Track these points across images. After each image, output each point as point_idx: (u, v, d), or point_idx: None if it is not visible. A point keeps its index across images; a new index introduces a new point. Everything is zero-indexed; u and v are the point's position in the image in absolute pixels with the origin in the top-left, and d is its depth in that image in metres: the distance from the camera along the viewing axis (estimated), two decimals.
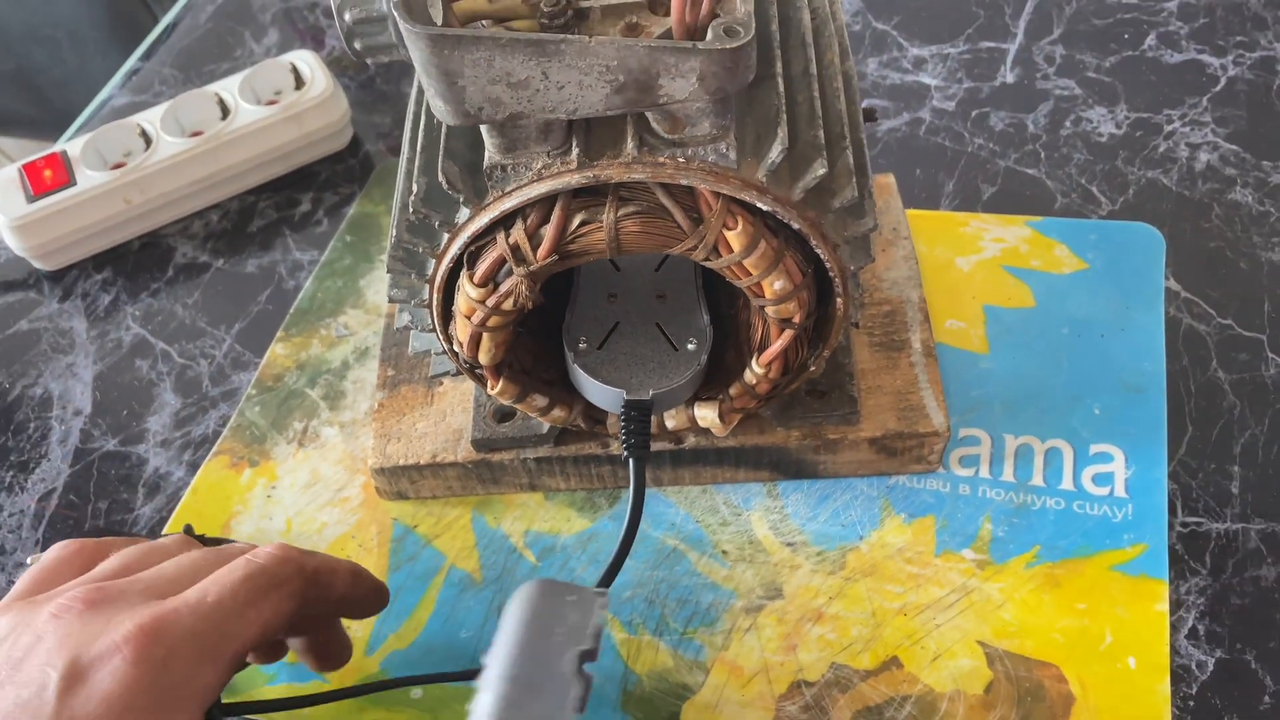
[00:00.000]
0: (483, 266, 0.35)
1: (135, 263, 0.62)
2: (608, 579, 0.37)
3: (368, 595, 0.40)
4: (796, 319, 0.37)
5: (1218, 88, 0.59)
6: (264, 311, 0.58)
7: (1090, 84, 0.60)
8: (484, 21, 0.32)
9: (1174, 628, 0.41)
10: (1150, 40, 0.62)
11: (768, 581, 0.45)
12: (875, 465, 0.47)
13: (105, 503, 0.51)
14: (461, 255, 0.36)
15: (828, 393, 0.45)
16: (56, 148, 0.62)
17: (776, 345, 0.38)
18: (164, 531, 0.49)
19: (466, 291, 0.36)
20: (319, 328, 0.57)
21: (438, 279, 0.37)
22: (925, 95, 0.61)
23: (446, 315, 0.38)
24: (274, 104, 0.63)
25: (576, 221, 0.34)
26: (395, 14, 0.29)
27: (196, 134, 0.63)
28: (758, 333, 0.39)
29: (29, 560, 0.48)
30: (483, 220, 0.35)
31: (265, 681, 0.45)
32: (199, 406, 0.54)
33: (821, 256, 0.36)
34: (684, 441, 0.45)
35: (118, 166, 0.61)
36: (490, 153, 0.34)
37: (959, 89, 0.61)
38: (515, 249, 0.35)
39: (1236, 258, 0.52)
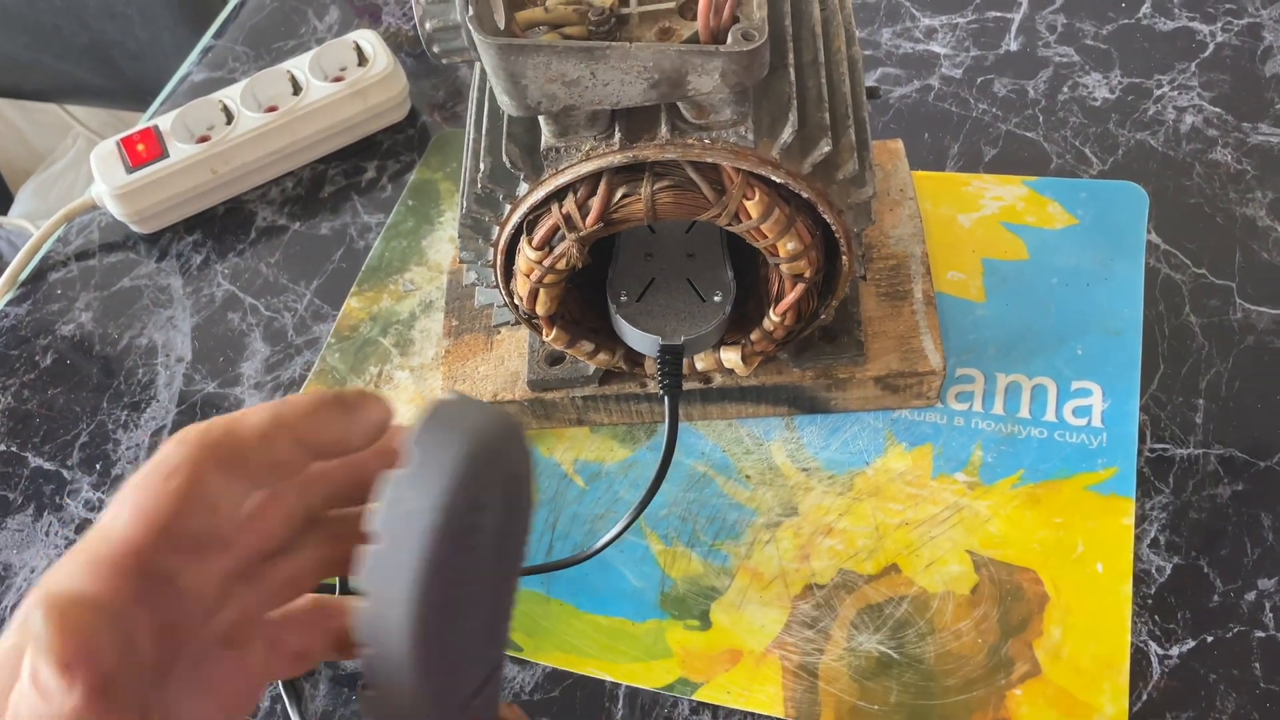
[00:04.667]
0: (540, 232, 0.42)
1: (222, 226, 0.69)
2: (648, 497, 0.44)
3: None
4: (807, 274, 0.44)
5: (1206, 53, 0.64)
6: (338, 269, 0.65)
7: (1088, 51, 0.65)
8: (542, 27, 0.38)
9: (1138, 538, 0.48)
10: (1145, 8, 0.66)
11: (785, 501, 0.52)
12: (880, 401, 0.53)
13: None
14: (521, 223, 0.43)
15: (838, 337, 0.52)
16: (147, 123, 0.69)
17: (790, 297, 0.45)
18: None
19: (526, 253, 0.43)
20: (388, 283, 0.64)
21: (501, 243, 0.44)
22: (935, 63, 0.67)
23: (508, 274, 0.45)
24: (340, 80, 0.70)
25: (619, 194, 0.40)
26: (469, 26, 0.35)
27: (271, 109, 0.70)
28: (774, 286, 0.45)
29: None
30: (540, 194, 0.41)
31: None
32: (285, 354, 0.62)
33: (828, 220, 0.42)
34: (712, 381, 0.52)
35: (203, 139, 0.68)
36: (546, 137, 0.40)
37: (966, 57, 0.67)
38: (567, 218, 0.41)
39: (1213, 213, 0.57)
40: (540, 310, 0.45)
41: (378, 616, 0.26)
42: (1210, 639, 0.45)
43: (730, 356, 0.49)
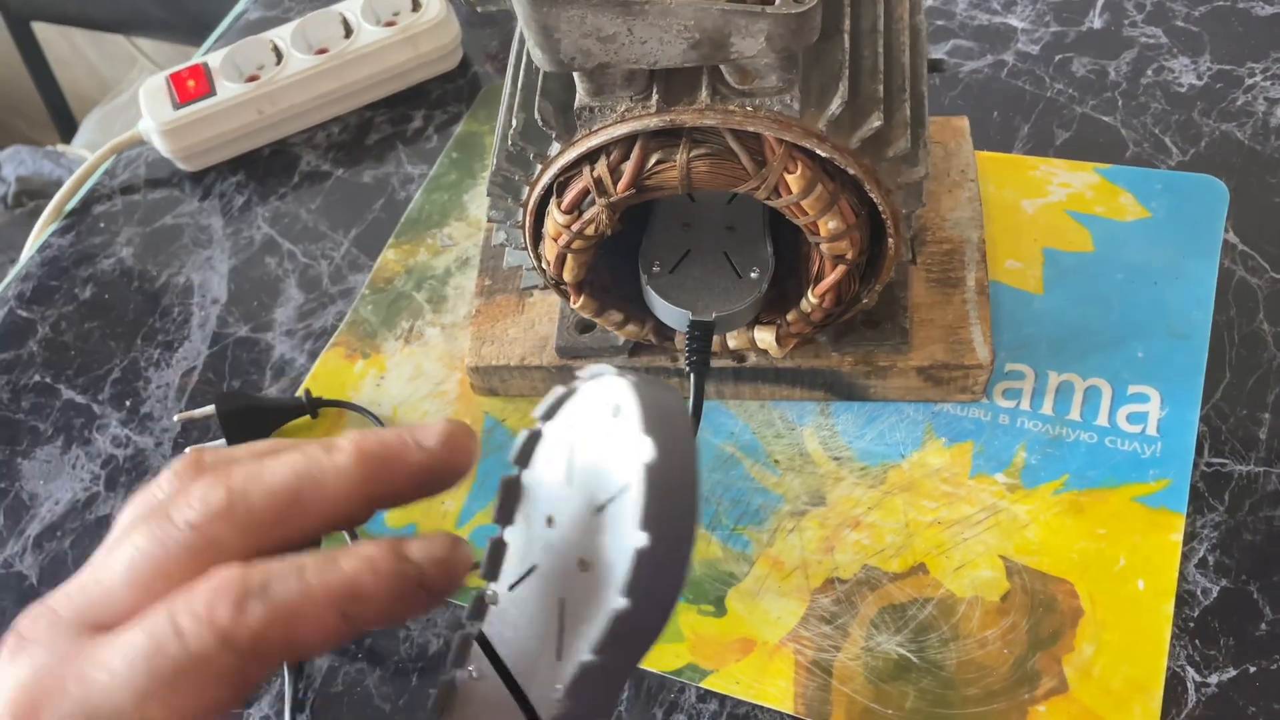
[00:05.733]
0: (569, 195, 0.40)
1: (266, 168, 0.68)
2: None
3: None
4: (849, 255, 0.41)
5: None
6: (378, 219, 0.64)
7: (1177, 33, 0.61)
8: None
9: (1185, 557, 0.45)
10: None
11: (813, 490, 0.50)
12: (922, 392, 0.51)
13: (238, 381, 0.59)
14: (552, 185, 0.41)
15: (881, 322, 0.49)
16: (198, 59, 0.68)
17: (830, 278, 0.42)
18: (298, 394, 0.56)
19: (554, 217, 0.41)
20: (426, 237, 0.63)
21: (530, 203, 0.42)
22: (1011, 38, 0.63)
23: (537, 236, 0.43)
24: (392, 25, 0.68)
25: (653, 160, 0.38)
26: None
27: (322, 51, 0.68)
28: (814, 266, 0.43)
29: (175, 418, 0.56)
30: (571, 155, 0.39)
31: None
32: (319, 302, 0.61)
33: (875, 200, 0.40)
34: (745, 360, 0.50)
35: (251, 79, 0.67)
36: (580, 95, 0.38)
37: (1045, 32, 0.63)
38: (598, 181, 0.39)
39: None
40: (568, 277, 0.43)
41: (643, 615, 0.24)
42: (1254, 669, 0.42)
43: (764, 336, 0.47)
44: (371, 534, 0.51)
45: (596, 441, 0.26)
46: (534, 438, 0.28)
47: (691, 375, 0.43)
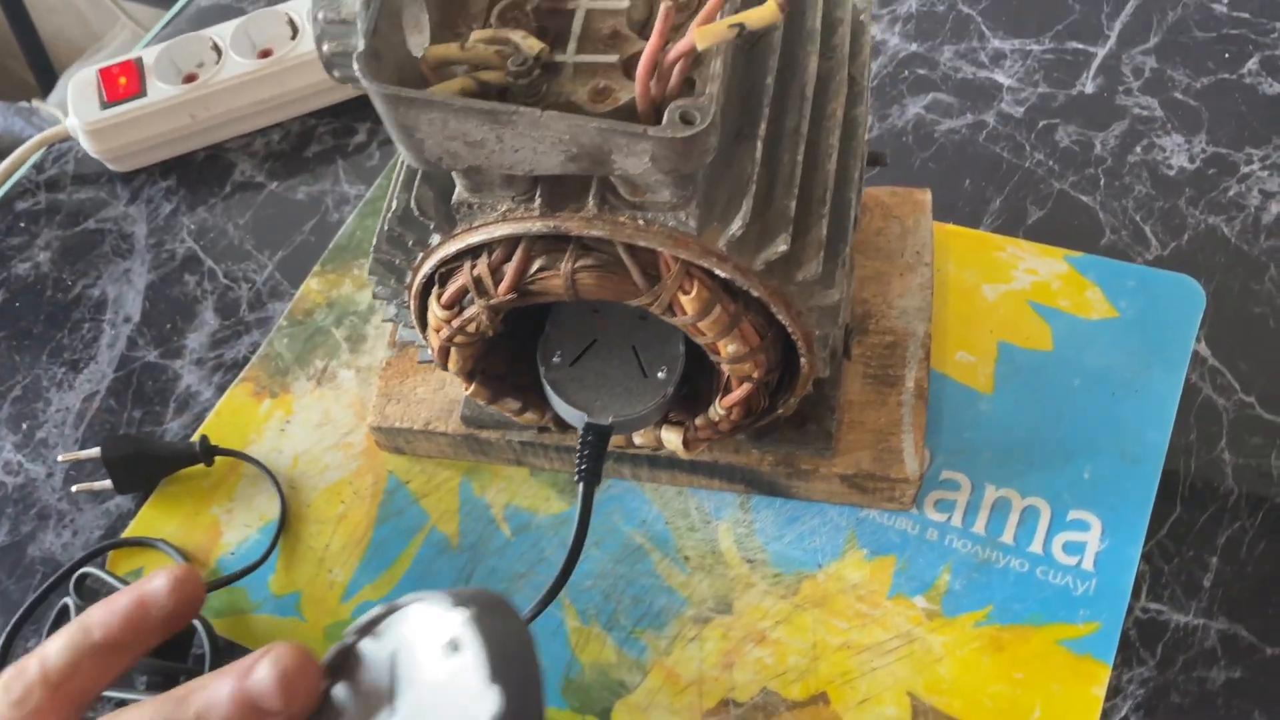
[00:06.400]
0: (449, 290, 0.36)
1: (198, 173, 0.64)
2: (543, 603, 0.38)
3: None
4: (755, 375, 0.37)
5: None
6: (306, 242, 0.60)
7: (1174, 106, 0.56)
8: (460, 66, 0.32)
9: (1105, 714, 0.41)
10: (1252, 64, 0.57)
11: (721, 595, 0.46)
12: (847, 497, 0.47)
13: (140, 412, 0.55)
14: (434, 274, 0.37)
15: (805, 423, 0.45)
16: (133, 54, 0.64)
17: (735, 394, 0.39)
18: (193, 439, 0.53)
19: (434, 310, 0.37)
20: (353, 267, 0.59)
21: (415, 287, 0.38)
22: (996, 96, 0.58)
23: (425, 320, 0.40)
24: None
25: (536, 265, 0.35)
26: (356, 68, 0.30)
27: (267, 52, 0.64)
28: (722, 375, 0.39)
29: (60, 458, 0.53)
30: (451, 248, 0.36)
31: (252, 610, 0.49)
32: (234, 330, 0.58)
33: (783, 322, 0.36)
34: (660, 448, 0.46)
35: (190, 78, 0.63)
36: (459, 190, 0.34)
37: (1032, 93, 0.58)
38: (478, 281, 0.35)
39: (1278, 329, 0.49)
40: (453, 369, 0.40)
41: None
42: None
43: (671, 438, 0.43)
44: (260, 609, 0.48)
45: (428, 678, 0.23)
46: (345, 653, 0.25)
47: (580, 487, 0.40)
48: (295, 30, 0.64)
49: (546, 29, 0.33)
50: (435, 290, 0.37)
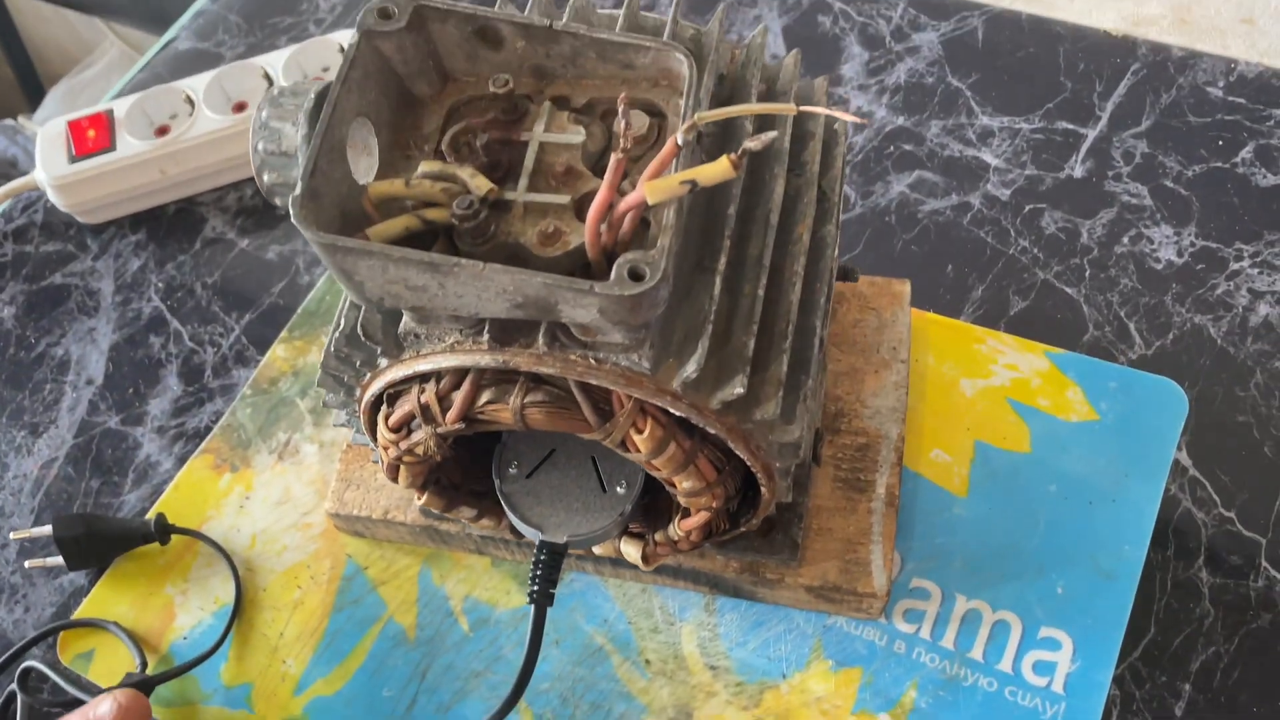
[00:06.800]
0: (397, 413, 0.35)
1: (168, 228, 0.63)
2: (505, 708, 0.37)
3: None
4: (714, 505, 0.36)
5: None
6: (274, 305, 0.59)
7: (1163, 195, 0.55)
8: (408, 200, 0.31)
9: None
10: (1245, 152, 0.55)
11: (681, 704, 0.45)
12: (814, 605, 0.46)
13: (98, 482, 0.54)
14: (382, 394, 0.36)
15: (772, 530, 0.44)
16: (103, 106, 0.63)
17: (693, 519, 0.37)
18: (147, 517, 0.52)
19: (382, 431, 0.36)
20: (321, 334, 0.58)
21: (364, 402, 0.37)
22: (982, 176, 0.57)
23: (375, 432, 0.38)
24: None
25: (485, 398, 0.33)
26: (292, 214, 0.28)
27: (241, 105, 0.63)
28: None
29: (12, 536, 0.52)
30: (399, 373, 0.34)
31: (202, 700, 0.47)
32: (197, 397, 0.56)
33: (741, 456, 0.35)
34: None
35: (162, 130, 0.62)
36: (406, 319, 0.33)
37: (1019, 175, 0.57)
38: (425, 409, 0.34)
39: (1263, 439, 0.47)
40: (403, 484, 0.38)
41: None
42: None
43: (630, 551, 0.42)
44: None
45: None
46: None
47: (532, 608, 0.38)
48: (270, 83, 0.63)
49: (499, 161, 0.31)
50: (384, 410, 0.36)
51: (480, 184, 0.30)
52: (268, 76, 0.63)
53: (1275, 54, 0.57)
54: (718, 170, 0.27)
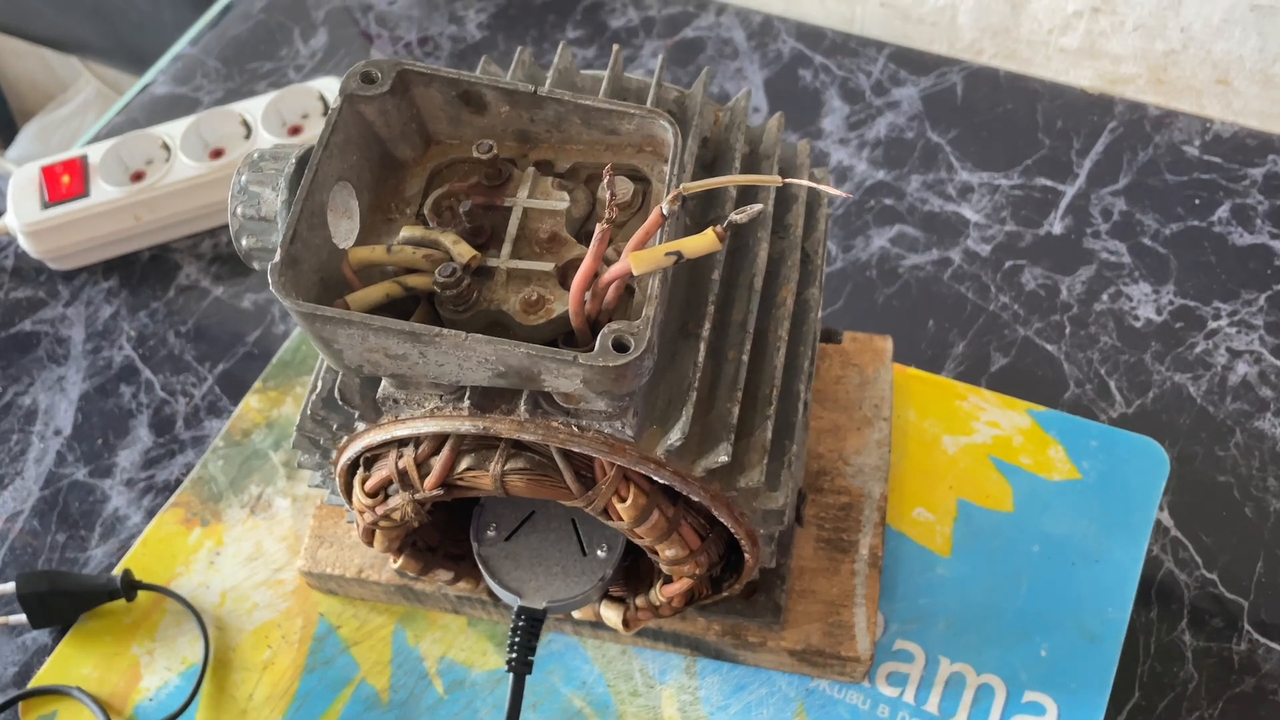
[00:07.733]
0: (373, 479, 0.34)
1: (141, 275, 0.62)
2: None
3: None
4: (697, 572, 0.35)
5: None
6: (249, 355, 0.58)
7: (1142, 253, 0.55)
8: (389, 266, 0.30)
9: None
10: (1222, 211, 0.56)
11: None
12: (796, 668, 0.45)
13: (64, 535, 0.53)
14: (359, 458, 0.35)
15: (755, 593, 0.43)
16: (78, 151, 0.62)
17: (675, 586, 0.37)
18: (114, 572, 0.50)
19: (358, 495, 0.35)
20: (295, 385, 0.57)
21: (340, 465, 0.36)
22: (962, 232, 0.57)
23: (351, 494, 0.38)
24: (298, 132, 0.62)
25: (464, 464, 0.33)
26: (270, 282, 0.28)
27: (219, 151, 0.62)
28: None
29: None
30: (377, 437, 0.34)
31: None
32: (168, 449, 0.55)
33: (725, 523, 0.34)
34: None
35: (138, 176, 0.61)
36: (385, 384, 0.32)
37: (999, 231, 0.57)
38: (404, 474, 0.33)
39: (1244, 500, 0.47)
40: (378, 548, 0.38)
41: None
42: None
43: (611, 616, 0.41)
44: None
45: None
46: None
47: (510, 677, 0.38)
48: (249, 130, 0.62)
49: (481, 226, 0.31)
50: (360, 473, 0.35)
51: (463, 251, 0.29)
52: (246, 123, 0.63)
53: (1250, 114, 0.58)
54: (703, 242, 0.27)
